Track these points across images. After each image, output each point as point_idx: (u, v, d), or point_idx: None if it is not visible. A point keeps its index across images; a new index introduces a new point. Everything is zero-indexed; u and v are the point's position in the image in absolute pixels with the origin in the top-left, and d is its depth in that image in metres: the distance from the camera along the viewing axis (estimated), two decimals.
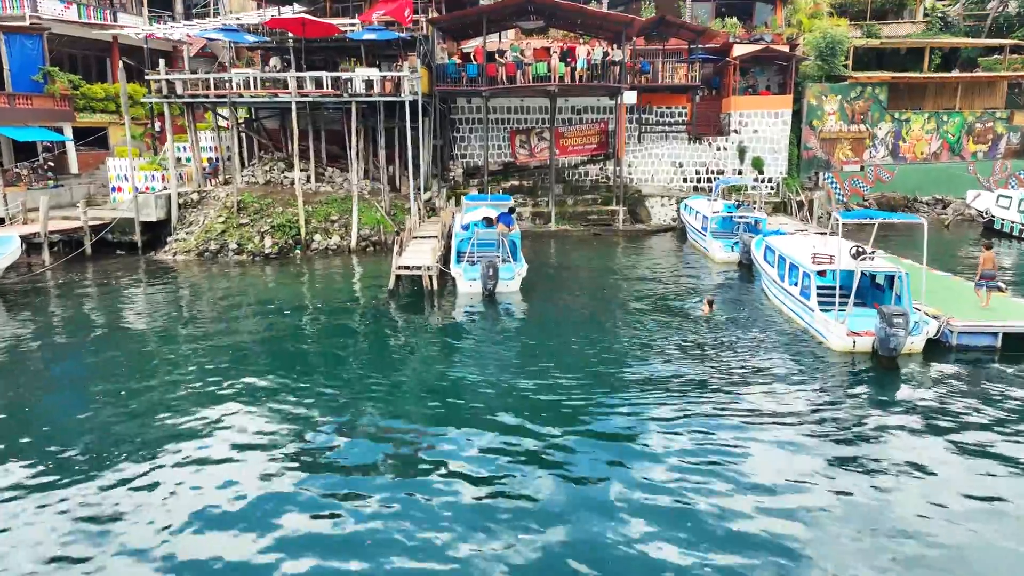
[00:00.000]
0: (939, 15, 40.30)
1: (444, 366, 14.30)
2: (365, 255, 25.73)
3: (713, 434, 10.86)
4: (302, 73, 25.28)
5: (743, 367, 13.51)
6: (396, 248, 19.15)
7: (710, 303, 16.92)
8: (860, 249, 14.37)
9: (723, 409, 11.69)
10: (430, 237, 22.85)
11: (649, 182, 33.49)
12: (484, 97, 28.83)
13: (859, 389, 12.65)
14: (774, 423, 11.21)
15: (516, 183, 32.69)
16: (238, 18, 29.81)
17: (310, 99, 25.13)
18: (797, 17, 37.11)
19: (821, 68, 34.80)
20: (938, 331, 13.56)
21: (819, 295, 14.67)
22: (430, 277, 19.10)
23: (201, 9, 38.81)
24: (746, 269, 22.42)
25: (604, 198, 32.24)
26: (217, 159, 29.44)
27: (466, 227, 20.41)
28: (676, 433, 10.92)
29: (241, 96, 24.97)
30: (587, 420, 11.49)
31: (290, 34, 27.99)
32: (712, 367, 13.57)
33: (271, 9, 30.65)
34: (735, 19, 37.54)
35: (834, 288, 14.66)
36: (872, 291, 15.38)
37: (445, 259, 21.36)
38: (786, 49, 34.67)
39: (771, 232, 20.63)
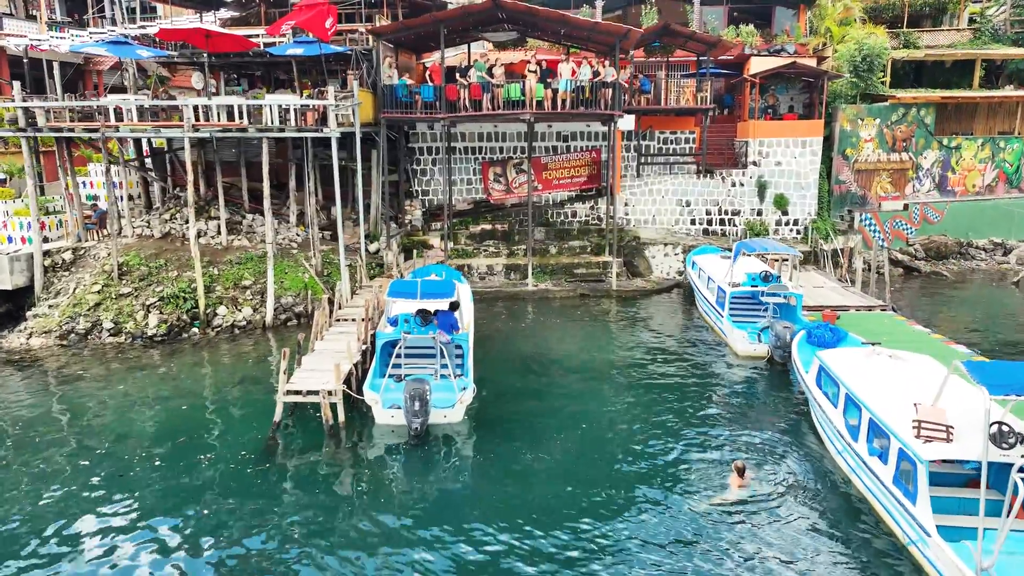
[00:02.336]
0: (988, 22, 34.53)
1: None
2: (285, 331, 19.97)
3: None
4: (197, 100, 19.52)
5: None
6: (283, 363, 13.25)
7: (740, 472, 11.12)
8: (1006, 427, 8.55)
9: None
10: (352, 320, 17.07)
11: (650, 224, 27.70)
12: (444, 125, 23.08)
13: None
14: None
15: (488, 226, 26.91)
16: (143, 27, 24.08)
17: (205, 134, 19.35)
18: (825, 24, 31.34)
19: (855, 86, 29.06)
20: None
21: (934, 490, 8.87)
22: (332, 406, 13.30)
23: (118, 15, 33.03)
24: (780, 368, 16.62)
25: (595, 245, 26.44)
26: (96, 204, 23.66)
27: (394, 322, 14.63)
28: None
29: (117, 129, 19.19)
30: None
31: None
32: None
33: (183, 18, 24.97)
34: (751, 27, 31.93)
35: (957, 480, 8.91)
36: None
37: (369, 357, 15.55)
38: (814, 63, 28.98)
39: (818, 331, 14.81)
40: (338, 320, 18.00)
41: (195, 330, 19.59)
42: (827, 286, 22.52)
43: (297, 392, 13.32)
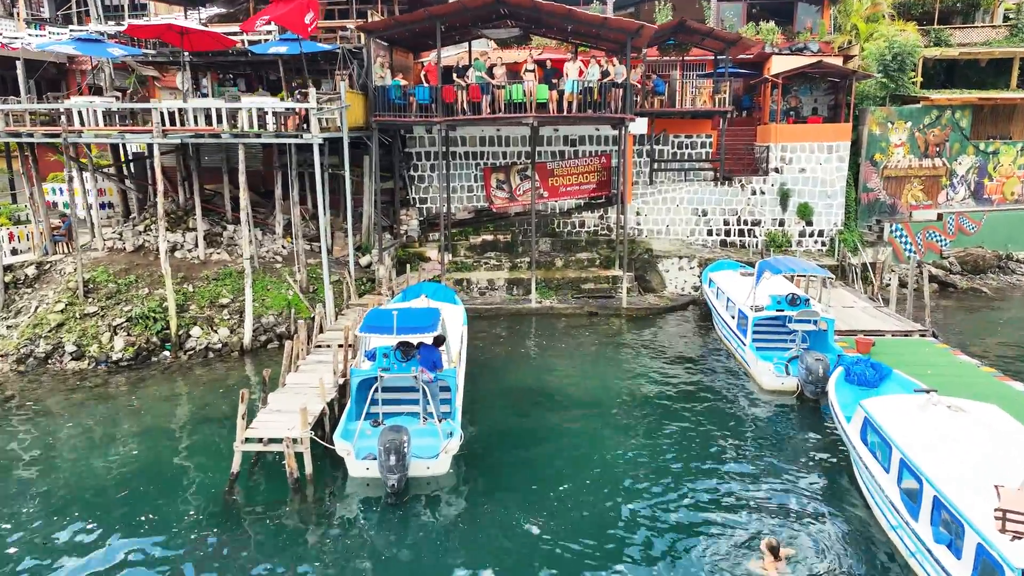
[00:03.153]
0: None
1: None
2: (265, 354, 18.35)
3: None
4: (171, 103, 17.92)
5: None
6: (241, 407, 11.50)
7: (774, 551, 9.26)
8: None
9: None
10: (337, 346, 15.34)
11: (663, 235, 25.85)
12: (441, 129, 21.33)
13: None
14: None
15: (490, 237, 25.18)
16: (120, 24, 22.49)
17: (176, 140, 17.73)
18: (851, 21, 29.34)
19: (885, 86, 27.08)
20: None
21: None
22: (299, 456, 11.57)
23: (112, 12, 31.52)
24: (811, 405, 14.75)
25: (604, 258, 24.65)
26: (66, 214, 21.95)
27: (371, 355, 12.91)
28: None
29: (80, 134, 17.60)
30: None
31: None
32: None
33: (172, 15, 23.37)
34: (772, 24, 30.04)
35: None
36: None
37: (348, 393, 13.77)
38: (839, 62, 27.05)
39: (857, 368, 12.97)
40: (319, 346, 16.29)
41: (166, 353, 17.96)
42: (858, 306, 20.59)
43: (257, 440, 11.60)
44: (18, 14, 26.38)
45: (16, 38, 22.76)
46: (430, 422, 12.39)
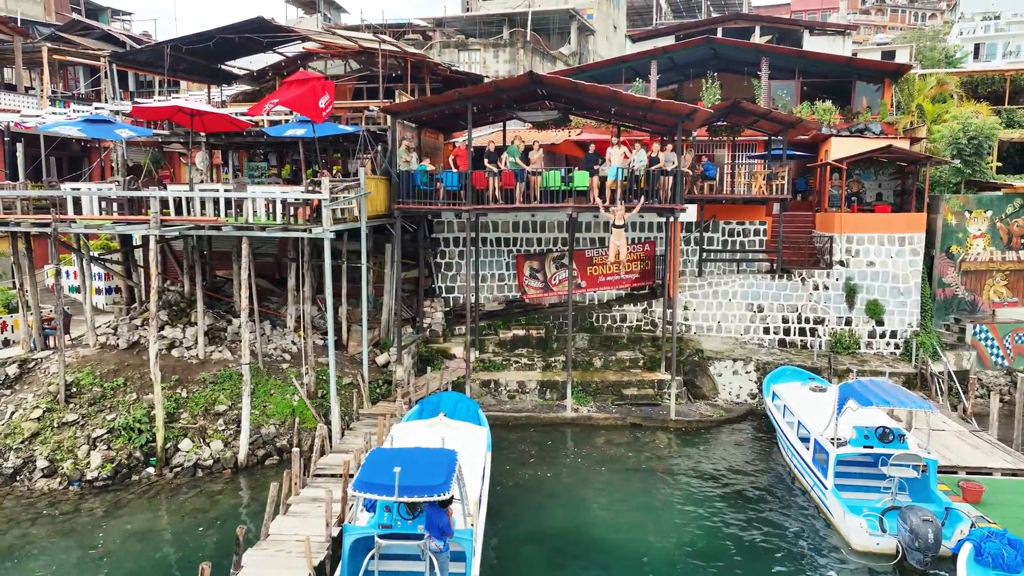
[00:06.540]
0: None
1: None
2: (262, 472, 16.03)
3: None
4: (176, 190, 16.33)
5: None
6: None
7: None
8: None
9: None
10: (336, 477, 12.95)
11: (714, 332, 23.26)
12: (469, 217, 19.38)
13: None
14: None
15: (522, 331, 22.85)
16: (138, 103, 21.38)
17: (174, 232, 16.02)
18: (916, 101, 27.18)
19: (959, 172, 24.62)
20: None
21: None
22: None
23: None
24: None
25: (648, 358, 22.10)
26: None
27: (370, 506, 10.49)
28: None
29: (73, 223, 16.01)
30: None
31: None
32: None
33: (200, 93, 22.24)
34: (828, 103, 28.05)
35: None
36: None
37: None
38: (906, 144, 24.79)
39: (991, 545, 10.12)
40: (319, 474, 13.92)
41: (150, 470, 15.75)
42: (949, 428, 17.56)
43: None
44: (42, 91, 25.67)
45: (28, 117, 21.79)
46: None
